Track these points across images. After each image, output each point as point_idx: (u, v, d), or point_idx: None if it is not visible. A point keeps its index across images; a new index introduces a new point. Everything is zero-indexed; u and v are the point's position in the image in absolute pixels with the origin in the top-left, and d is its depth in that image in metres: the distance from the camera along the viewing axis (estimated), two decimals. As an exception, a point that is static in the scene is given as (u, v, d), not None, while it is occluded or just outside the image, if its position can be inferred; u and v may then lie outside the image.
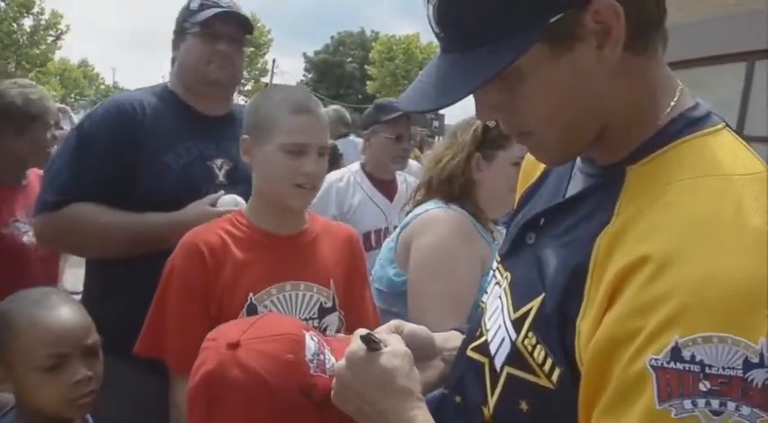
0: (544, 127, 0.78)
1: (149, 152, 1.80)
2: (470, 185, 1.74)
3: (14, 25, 29.28)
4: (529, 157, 1.02)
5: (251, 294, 1.42)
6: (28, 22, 30.40)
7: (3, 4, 28.12)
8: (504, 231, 1.78)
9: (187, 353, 1.28)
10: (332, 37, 47.43)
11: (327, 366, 1.03)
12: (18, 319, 1.23)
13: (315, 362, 1.02)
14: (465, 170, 1.73)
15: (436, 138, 12.16)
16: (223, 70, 1.90)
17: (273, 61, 40.78)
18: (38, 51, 30.84)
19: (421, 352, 1.03)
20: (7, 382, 1.23)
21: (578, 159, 0.88)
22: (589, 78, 0.74)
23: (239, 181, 1.86)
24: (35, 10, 30.51)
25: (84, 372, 1.22)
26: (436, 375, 1.07)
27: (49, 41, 31.43)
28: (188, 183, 1.81)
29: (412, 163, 3.63)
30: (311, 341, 1.05)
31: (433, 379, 1.06)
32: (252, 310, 1.41)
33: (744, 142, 0.78)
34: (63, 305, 1.27)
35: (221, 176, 1.88)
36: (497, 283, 0.94)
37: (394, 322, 1.06)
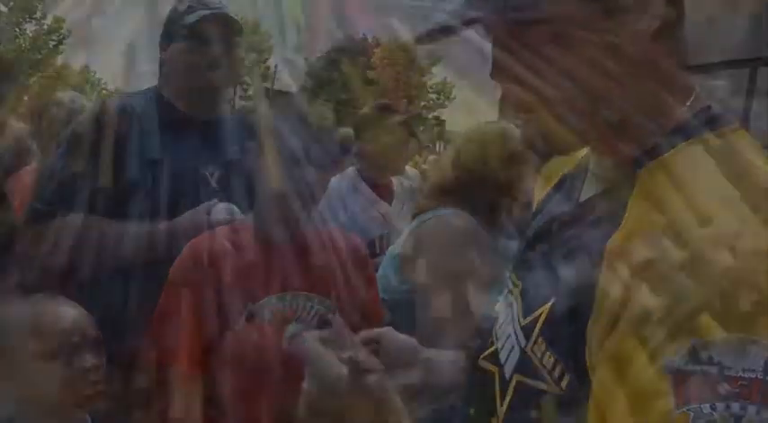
0: (560, 99, 0.75)
1: (141, 159, 1.76)
2: (496, 194, 1.72)
3: (17, 30, 29.41)
4: (550, 164, 1.00)
5: (250, 302, 1.42)
6: (30, 27, 30.56)
7: (5, 9, 28.27)
8: (510, 242, 1.77)
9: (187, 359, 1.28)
10: (333, 43, 47.56)
11: None
12: (24, 316, 1.25)
13: None
14: (497, 179, 1.71)
15: (437, 144, 12.14)
16: (212, 73, 1.85)
17: (276, 66, 40.93)
18: (40, 56, 30.96)
19: (399, 360, 1.02)
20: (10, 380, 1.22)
21: (591, 162, 0.86)
22: (617, 55, 0.73)
23: (231, 187, 1.83)
24: (37, 15, 30.66)
25: (93, 360, 1.25)
26: (416, 379, 1.04)
27: (50, 46, 31.56)
28: (181, 190, 1.77)
29: (407, 168, 3.58)
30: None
31: (412, 382, 1.03)
32: (251, 319, 1.40)
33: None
34: (62, 301, 1.32)
35: (213, 183, 1.85)
36: (509, 292, 0.92)
37: (376, 331, 1.05)
